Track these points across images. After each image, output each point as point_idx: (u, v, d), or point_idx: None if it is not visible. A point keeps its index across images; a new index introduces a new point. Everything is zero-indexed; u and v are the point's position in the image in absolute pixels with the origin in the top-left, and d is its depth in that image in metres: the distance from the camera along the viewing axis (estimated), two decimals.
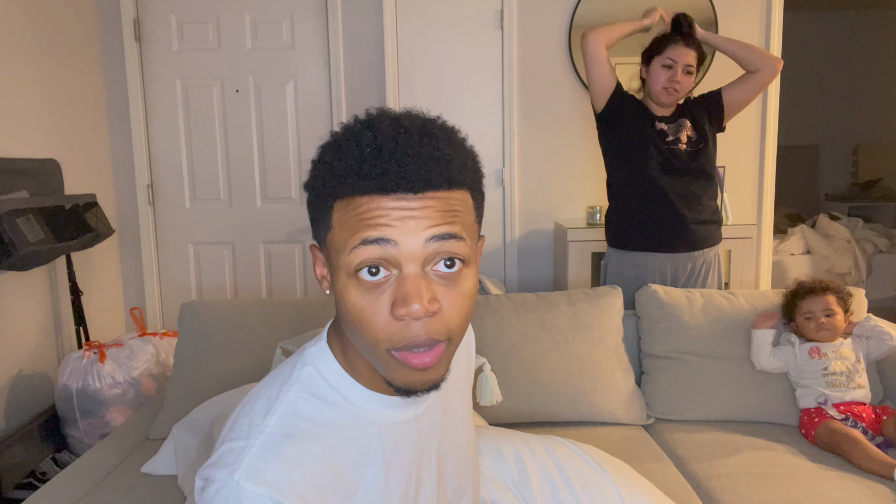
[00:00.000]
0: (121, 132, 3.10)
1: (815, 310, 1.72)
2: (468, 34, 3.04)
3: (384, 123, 0.64)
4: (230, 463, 0.65)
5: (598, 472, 1.13)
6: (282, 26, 3.07)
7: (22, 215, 2.22)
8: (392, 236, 0.62)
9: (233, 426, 0.70)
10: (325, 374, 0.73)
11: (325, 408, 0.71)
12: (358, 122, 0.66)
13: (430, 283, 0.64)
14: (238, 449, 0.66)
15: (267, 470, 0.64)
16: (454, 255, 0.64)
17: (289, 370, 0.74)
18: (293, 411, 0.70)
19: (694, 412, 1.81)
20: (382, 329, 0.63)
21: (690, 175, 2.08)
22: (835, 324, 1.71)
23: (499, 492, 1.08)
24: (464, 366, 0.92)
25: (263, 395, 0.72)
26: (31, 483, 2.22)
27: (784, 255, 4.54)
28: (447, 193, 0.64)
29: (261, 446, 0.66)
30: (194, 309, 1.87)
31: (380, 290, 0.63)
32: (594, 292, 1.92)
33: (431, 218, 0.63)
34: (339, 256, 0.65)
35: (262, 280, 3.23)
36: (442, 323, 0.64)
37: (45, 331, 2.60)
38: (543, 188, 3.14)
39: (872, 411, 1.65)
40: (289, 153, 3.14)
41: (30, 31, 2.53)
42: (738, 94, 2.12)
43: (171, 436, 1.54)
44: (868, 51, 5.95)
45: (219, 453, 0.68)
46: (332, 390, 0.72)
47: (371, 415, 0.73)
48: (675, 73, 2.02)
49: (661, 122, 2.09)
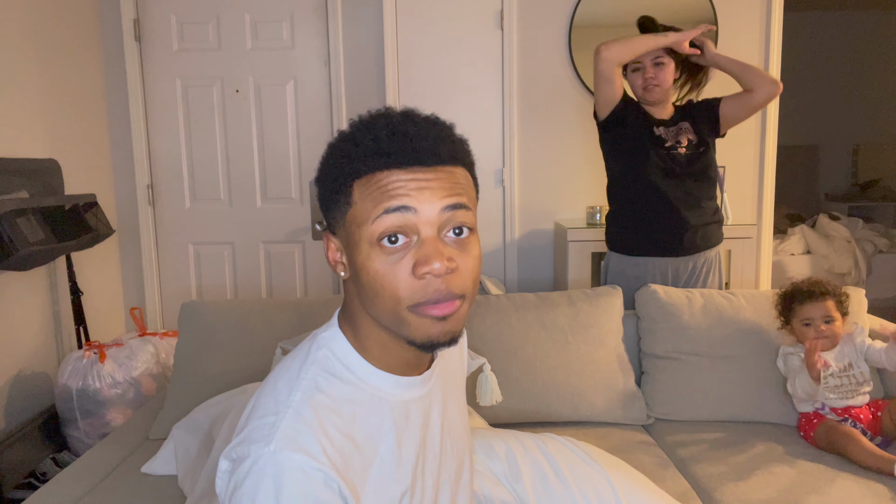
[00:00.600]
0: (121, 132, 3.10)
1: (815, 316, 1.66)
2: (468, 34, 3.04)
3: (394, 113, 0.75)
4: (263, 436, 0.68)
5: (590, 465, 1.15)
6: (282, 26, 3.07)
7: (22, 215, 2.22)
8: (412, 204, 0.70)
9: (256, 406, 0.73)
10: (339, 354, 0.78)
11: (342, 385, 0.75)
12: (368, 116, 0.75)
13: (445, 246, 0.71)
14: (269, 424, 0.69)
15: (300, 438, 0.68)
16: (463, 224, 0.73)
17: (304, 353, 0.78)
18: (314, 387, 0.74)
19: (694, 412, 1.81)
20: (405, 288, 0.70)
21: (690, 178, 2.08)
22: (834, 331, 1.66)
23: (491, 486, 1.11)
24: (458, 359, 0.97)
25: (283, 377, 0.76)
26: (31, 483, 2.22)
27: (784, 255, 4.54)
28: (453, 168, 0.74)
29: (291, 418, 0.70)
30: (194, 309, 1.87)
31: (399, 255, 0.71)
32: (594, 292, 1.92)
33: (444, 189, 0.72)
34: (361, 229, 0.72)
35: (262, 280, 3.23)
36: (459, 280, 0.71)
37: (45, 331, 2.60)
38: (543, 188, 3.14)
39: (868, 410, 1.64)
40: (289, 153, 3.14)
41: (30, 30, 2.53)
42: (733, 108, 2.10)
43: (171, 436, 1.54)
44: (868, 51, 5.95)
45: (245, 432, 0.70)
46: (346, 370, 0.77)
47: (382, 393, 0.78)
48: (645, 72, 2.05)
49: (660, 126, 2.09)
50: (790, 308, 1.72)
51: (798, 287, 1.72)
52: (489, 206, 3.15)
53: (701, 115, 2.13)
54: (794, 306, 1.70)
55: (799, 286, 1.72)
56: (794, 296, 1.71)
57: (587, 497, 1.10)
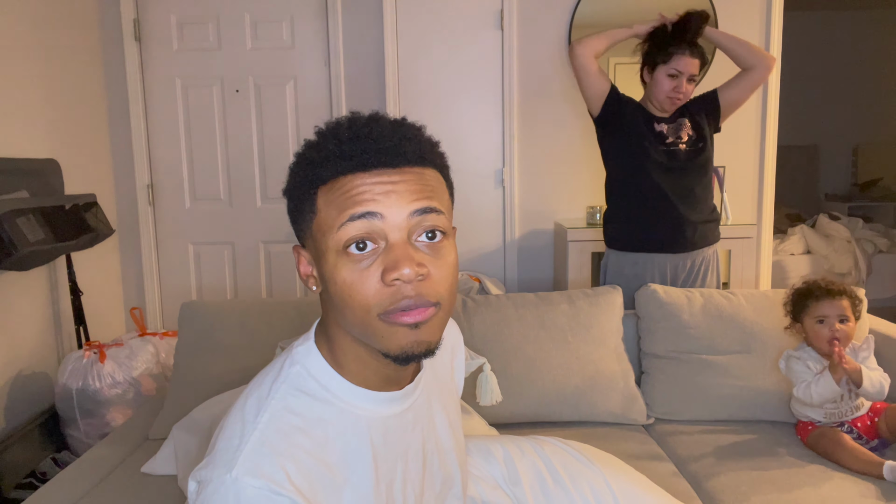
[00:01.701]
0: (121, 132, 3.10)
1: (830, 314, 1.58)
2: (468, 34, 3.04)
3: (359, 117, 0.72)
4: (227, 461, 0.66)
5: (586, 465, 1.15)
6: (282, 26, 3.07)
7: (22, 215, 2.22)
8: (378, 210, 0.67)
9: (224, 427, 0.71)
10: (314, 371, 0.75)
11: (314, 404, 0.73)
12: (334, 121, 0.72)
13: (416, 251, 0.68)
14: (233, 447, 0.67)
15: (263, 463, 0.66)
16: (435, 228, 0.69)
17: (277, 369, 0.76)
18: (284, 407, 0.71)
19: (694, 412, 1.81)
20: (374, 296, 0.67)
21: (690, 175, 2.09)
22: (847, 333, 1.58)
23: (490, 491, 1.10)
24: (447, 367, 0.95)
25: (254, 395, 0.74)
26: (31, 483, 2.22)
27: (784, 255, 4.54)
28: (421, 170, 0.71)
29: (255, 441, 0.67)
30: (194, 309, 1.87)
31: (368, 262, 0.68)
32: (594, 292, 1.92)
33: (412, 192, 0.68)
34: (326, 238, 0.69)
35: (262, 280, 3.23)
36: (431, 286, 0.68)
37: (45, 331, 2.60)
38: (543, 188, 3.14)
39: (867, 416, 1.62)
40: (289, 153, 3.14)
41: (30, 31, 2.53)
42: (734, 92, 2.12)
43: (171, 436, 1.54)
44: (868, 51, 5.95)
45: (212, 455, 0.68)
46: (320, 387, 0.74)
47: (359, 410, 0.75)
48: (679, 83, 2.01)
49: (659, 123, 2.09)
50: (804, 305, 1.64)
51: (816, 283, 1.65)
52: (489, 206, 3.15)
53: (699, 110, 2.13)
54: (808, 303, 1.63)
55: (816, 282, 1.65)
56: (811, 292, 1.64)
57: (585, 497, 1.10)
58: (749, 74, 2.08)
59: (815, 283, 1.66)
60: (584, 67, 2.06)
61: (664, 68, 2.02)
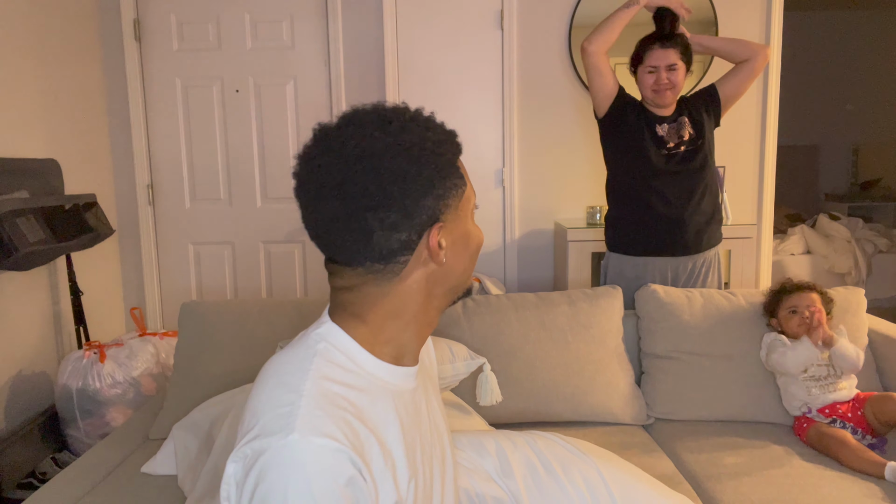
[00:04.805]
0: (121, 132, 3.10)
1: (800, 304, 1.74)
2: (468, 34, 3.04)
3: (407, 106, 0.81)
4: (283, 426, 0.67)
5: (579, 456, 1.17)
6: (282, 26, 3.07)
7: (22, 215, 2.22)
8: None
9: (268, 400, 0.71)
10: (340, 346, 0.78)
11: (346, 374, 0.76)
12: (410, 109, 0.80)
13: None
14: (285, 413, 0.68)
15: (319, 424, 0.68)
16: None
17: (303, 349, 0.77)
18: (322, 376, 0.73)
19: (694, 412, 1.81)
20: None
21: (691, 176, 2.08)
22: (818, 318, 1.72)
23: (482, 483, 1.11)
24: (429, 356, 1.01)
25: (290, 369, 0.74)
26: (31, 483, 2.22)
27: (784, 255, 4.54)
28: None
29: (307, 405, 0.69)
30: (194, 309, 1.87)
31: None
32: (594, 292, 1.92)
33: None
34: (471, 202, 0.82)
35: (262, 280, 3.23)
36: None
37: (45, 331, 2.60)
38: (543, 188, 3.14)
39: (850, 406, 1.64)
40: (289, 153, 3.14)
41: (30, 30, 2.53)
42: (733, 84, 2.13)
43: (171, 436, 1.54)
44: (868, 51, 5.95)
45: (258, 428, 0.68)
46: (348, 360, 0.77)
47: (384, 383, 0.79)
48: (659, 76, 2.05)
49: (661, 124, 2.09)
50: (778, 300, 1.80)
51: (788, 280, 1.85)
52: (489, 206, 3.15)
53: (699, 106, 2.13)
54: (782, 297, 1.79)
55: (788, 279, 1.85)
56: (784, 288, 1.81)
57: (578, 488, 1.11)
58: (747, 65, 2.10)
59: (787, 280, 1.85)
60: (596, 67, 2.07)
61: (642, 68, 2.09)
